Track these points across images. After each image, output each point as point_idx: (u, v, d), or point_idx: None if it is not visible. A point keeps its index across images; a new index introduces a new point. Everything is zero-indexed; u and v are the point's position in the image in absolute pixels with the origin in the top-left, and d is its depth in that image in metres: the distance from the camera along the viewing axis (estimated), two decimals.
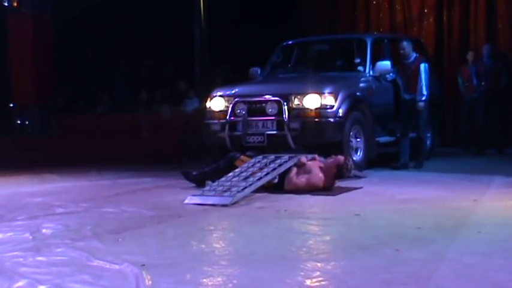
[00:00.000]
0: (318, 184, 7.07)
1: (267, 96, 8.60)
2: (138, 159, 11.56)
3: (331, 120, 8.37)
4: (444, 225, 5.00)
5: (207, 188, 6.90)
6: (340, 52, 10.60)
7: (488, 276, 3.48)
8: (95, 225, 5.45)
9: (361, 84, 9.24)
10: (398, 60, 9.72)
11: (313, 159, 7.43)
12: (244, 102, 8.68)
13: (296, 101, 8.37)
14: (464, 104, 11.75)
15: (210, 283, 3.52)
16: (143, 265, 3.91)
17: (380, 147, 9.54)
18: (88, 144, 12.99)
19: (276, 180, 7.26)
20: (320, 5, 13.90)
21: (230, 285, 3.48)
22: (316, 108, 8.34)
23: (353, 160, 7.99)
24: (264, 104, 8.52)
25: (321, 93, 8.39)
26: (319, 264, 3.84)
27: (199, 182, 7.66)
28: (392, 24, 13.21)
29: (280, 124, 8.35)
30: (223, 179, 7.03)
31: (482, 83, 11.16)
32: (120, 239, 4.88)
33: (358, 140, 8.82)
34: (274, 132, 8.39)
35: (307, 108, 8.36)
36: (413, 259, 3.89)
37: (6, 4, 12.68)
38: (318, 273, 3.65)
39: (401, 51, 9.46)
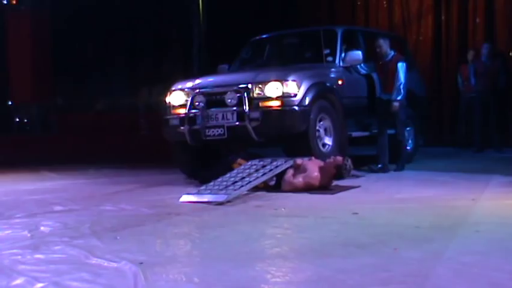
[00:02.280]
0: (314, 183, 7.09)
1: (227, 87, 8.11)
2: (136, 157, 11.58)
3: (294, 108, 7.79)
4: (442, 225, 5.00)
5: (203, 187, 6.89)
6: (311, 44, 9.94)
7: (486, 275, 3.47)
8: (94, 223, 5.45)
9: (330, 74, 8.80)
10: (373, 55, 9.41)
11: (309, 159, 7.44)
12: (203, 94, 8.19)
13: (257, 90, 7.83)
14: (462, 103, 11.77)
15: (207, 281, 3.51)
16: (141, 263, 3.90)
17: (357, 147, 9.38)
18: (87, 142, 13.01)
19: (273, 182, 7.29)
20: (319, 6, 13.91)
21: (228, 283, 3.48)
22: (278, 97, 7.79)
23: (352, 161, 7.86)
24: (223, 95, 7.97)
25: (282, 81, 7.84)
26: (316, 263, 3.84)
27: (200, 181, 7.66)
28: (391, 23, 13.22)
29: (240, 115, 7.81)
30: (219, 179, 7.04)
31: (480, 82, 11.19)
32: (118, 237, 4.88)
33: (327, 131, 8.34)
34: (235, 123, 7.84)
35: (269, 97, 7.81)
36: (411, 258, 3.88)
37: (5, 2, 12.67)
38: (315, 271, 3.65)
39: (378, 50, 9.14)
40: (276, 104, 7.77)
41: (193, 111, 8.14)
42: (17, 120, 15.29)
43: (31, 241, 4.85)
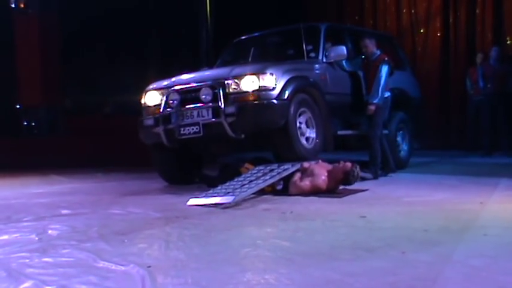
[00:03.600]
0: (322, 186, 7.08)
1: (201, 83, 7.78)
2: (145, 160, 11.58)
3: (272, 102, 7.46)
4: (451, 228, 4.99)
5: (211, 191, 6.89)
6: (294, 42, 9.41)
7: (495, 279, 3.46)
8: (102, 227, 5.46)
9: (312, 69, 8.50)
10: (361, 53, 9.23)
11: (317, 162, 7.44)
12: (177, 91, 7.90)
13: (233, 85, 7.50)
14: (471, 106, 11.74)
15: (215, 285, 3.51)
16: (149, 267, 3.91)
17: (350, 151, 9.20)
18: (95, 146, 13.03)
19: (280, 186, 7.28)
20: (327, 9, 13.91)
21: (236, 287, 3.48)
22: (254, 91, 7.45)
23: (360, 167, 7.49)
24: (198, 92, 7.67)
25: (259, 74, 7.49)
26: (324, 266, 3.83)
27: (208, 185, 7.63)
28: (399, 26, 13.19)
29: (216, 111, 7.49)
30: (227, 184, 7.04)
31: (489, 85, 11.16)
32: (126, 240, 4.89)
33: (309, 125, 8.03)
34: (210, 120, 7.52)
35: (245, 92, 7.47)
36: (420, 261, 3.87)
37: (13, 5, 12.72)
38: (323, 274, 3.64)
39: (364, 50, 9.01)
40: (252, 98, 7.46)
41: (168, 110, 7.87)
42: (25, 123, 15.33)
43: (39, 244, 4.86)
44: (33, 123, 15.29)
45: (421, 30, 13.09)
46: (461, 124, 12.50)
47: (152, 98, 8.25)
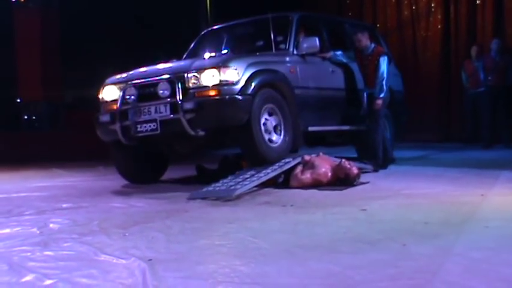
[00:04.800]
0: (322, 179, 7.08)
1: (159, 77, 7.29)
2: None
3: (234, 97, 6.95)
4: (451, 220, 4.99)
5: (212, 185, 6.87)
6: (264, 33, 8.66)
7: (496, 270, 3.46)
8: (102, 220, 5.47)
9: (281, 62, 7.93)
10: (339, 43, 9.07)
11: (317, 155, 7.43)
12: (135, 86, 7.40)
13: (193, 79, 7.00)
14: (467, 99, 11.74)
15: (217, 278, 3.52)
16: (150, 260, 3.91)
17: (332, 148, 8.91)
18: (96, 140, 13.02)
19: (281, 179, 7.28)
20: (328, 2, 13.87)
21: (237, 280, 3.48)
22: (214, 85, 6.94)
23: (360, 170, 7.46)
24: (156, 86, 7.18)
25: (220, 68, 6.98)
26: (325, 259, 3.84)
27: (208, 180, 7.48)
28: (399, 20, 13.16)
29: (174, 107, 6.99)
30: (229, 177, 7.03)
31: (489, 78, 11.15)
32: (127, 234, 4.89)
33: (276, 123, 7.52)
34: (168, 116, 7.03)
35: (205, 86, 6.96)
36: (421, 254, 3.88)
37: None
38: (323, 267, 3.65)
39: (357, 44, 8.82)
40: (212, 93, 6.95)
41: (125, 106, 7.40)
42: (26, 117, 15.33)
43: (40, 238, 4.87)
44: (33, 117, 15.29)
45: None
46: (462, 117, 12.48)
47: (109, 92, 7.76)
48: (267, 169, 7.11)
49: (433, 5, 12.81)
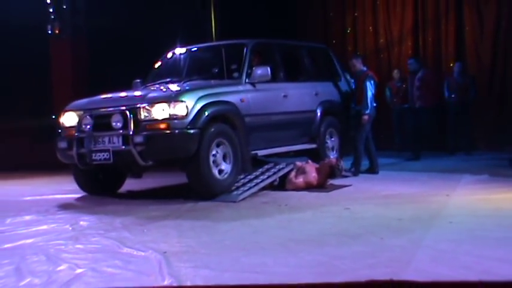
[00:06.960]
0: (313, 182, 7.10)
1: (114, 108, 6.64)
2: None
3: (182, 131, 6.31)
4: (421, 217, 4.99)
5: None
6: (221, 59, 7.99)
7: (459, 259, 3.47)
8: (124, 218, 5.47)
9: (232, 92, 7.15)
10: (296, 69, 8.64)
11: (307, 162, 7.43)
12: (91, 115, 6.76)
13: (144, 112, 6.38)
14: (394, 115, 11.72)
15: (222, 267, 3.52)
16: (165, 252, 3.92)
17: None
18: None
19: (276, 183, 7.27)
20: (317, 32, 13.84)
21: (240, 268, 3.48)
22: (164, 119, 6.32)
23: (342, 162, 7.53)
24: (110, 117, 6.54)
25: (170, 102, 6.37)
26: (315, 251, 3.84)
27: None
28: (377, 46, 13.16)
29: (126, 138, 6.39)
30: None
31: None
32: (145, 230, 4.90)
33: (225, 155, 6.79)
34: (121, 147, 6.40)
35: (155, 119, 6.34)
36: (396, 246, 3.88)
37: (49, 32, 12.76)
38: (313, 258, 3.65)
39: (352, 69, 8.84)
40: (162, 126, 6.33)
41: (82, 134, 6.75)
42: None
43: (72, 233, 4.90)
44: None
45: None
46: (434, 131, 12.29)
47: (69, 118, 7.08)
48: (263, 175, 7.12)
49: (404, 33, 12.81)
